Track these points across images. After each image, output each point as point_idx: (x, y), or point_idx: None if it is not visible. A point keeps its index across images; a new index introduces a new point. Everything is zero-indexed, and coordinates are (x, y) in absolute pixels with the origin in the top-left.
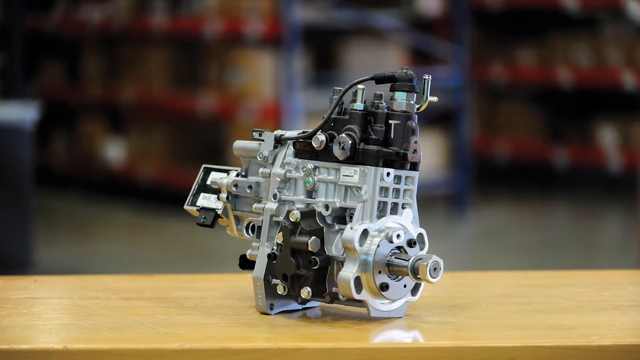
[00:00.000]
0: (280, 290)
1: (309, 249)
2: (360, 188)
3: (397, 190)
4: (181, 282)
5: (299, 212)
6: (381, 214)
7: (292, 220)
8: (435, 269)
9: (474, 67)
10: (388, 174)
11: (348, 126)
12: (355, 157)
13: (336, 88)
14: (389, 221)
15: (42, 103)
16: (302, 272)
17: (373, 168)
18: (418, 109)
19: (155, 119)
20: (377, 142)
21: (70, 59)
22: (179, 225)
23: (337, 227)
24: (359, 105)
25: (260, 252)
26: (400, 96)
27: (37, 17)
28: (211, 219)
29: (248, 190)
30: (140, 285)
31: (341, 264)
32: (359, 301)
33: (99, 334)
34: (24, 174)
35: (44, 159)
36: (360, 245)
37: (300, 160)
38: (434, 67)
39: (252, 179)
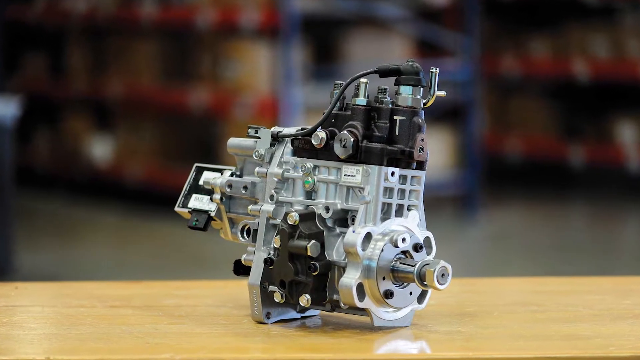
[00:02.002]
0: (277, 297)
1: (308, 253)
2: (363, 189)
3: (402, 191)
4: (172, 289)
5: (297, 215)
6: (385, 216)
7: (290, 223)
8: (443, 275)
9: (484, 59)
10: (393, 173)
11: (350, 122)
12: (357, 156)
13: (337, 82)
14: (394, 224)
15: (24, 98)
16: (301, 278)
17: (377, 167)
18: (425, 104)
19: (144, 115)
20: (381, 140)
21: (53, 51)
22: (170, 228)
23: (338, 230)
24: (361, 100)
25: (256, 257)
26: (406, 90)
27: (19, 7)
28: (204, 221)
29: (243, 191)
30: (128, 292)
31: (343, 269)
32: (362, 309)
33: (84, 345)
34: (4, 173)
35: (26, 157)
36: (363, 250)
37: (298, 159)
38: (441, 60)
39: (247, 179)
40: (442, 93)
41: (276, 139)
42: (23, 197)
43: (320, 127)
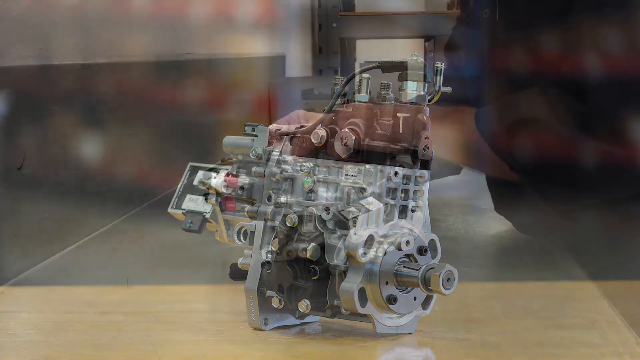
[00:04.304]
0: (275, 303)
1: (308, 257)
2: (364, 189)
3: (406, 192)
4: (165, 294)
5: (296, 216)
6: (388, 218)
7: (288, 225)
8: (449, 279)
9: (491, 53)
10: (396, 173)
11: (351, 120)
12: (359, 155)
13: (338, 77)
14: (397, 226)
15: (9, 93)
16: (300, 282)
17: (379, 167)
18: (430, 100)
19: (135, 111)
20: (383, 138)
21: (40, 44)
22: (162, 230)
23: (339, 232)
24: (363, 97)
25: (253, 261)
26: (410, 86)
27: None
28: (198, 223)
29: (240, 192)
30: (119, 297)
31: (344, 274)
32: (364, 315)
33: (72, 352)
34: None
35: (11, 156)
36: (365, 253)
37: (297, 157)
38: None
39: (244, 179)
40: (448, 89)
41: (274, 137)
42: (8, 198)
43: (320, 125)
